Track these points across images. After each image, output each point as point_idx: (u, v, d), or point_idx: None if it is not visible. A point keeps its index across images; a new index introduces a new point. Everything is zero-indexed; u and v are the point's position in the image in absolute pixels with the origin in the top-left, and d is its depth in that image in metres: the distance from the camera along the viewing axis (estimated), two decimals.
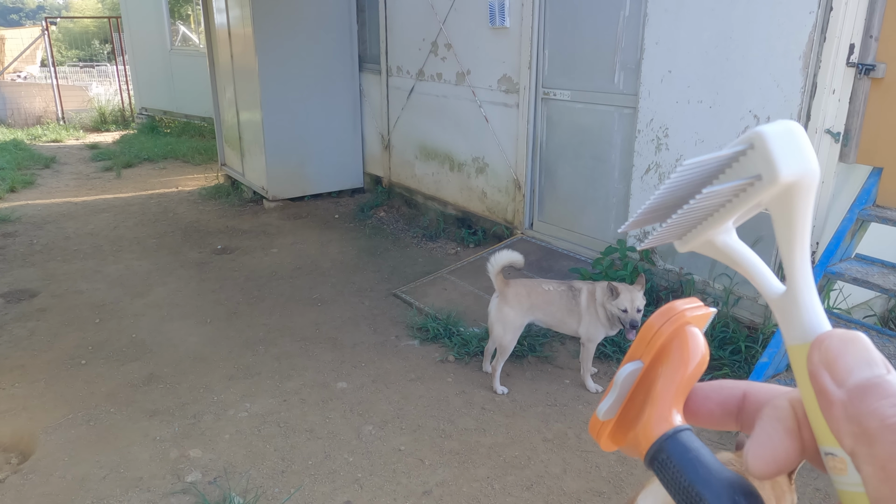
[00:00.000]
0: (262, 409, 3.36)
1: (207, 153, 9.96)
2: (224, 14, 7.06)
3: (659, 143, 4.10)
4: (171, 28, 12.16)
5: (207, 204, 7.43)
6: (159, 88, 12.35)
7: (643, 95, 4.13)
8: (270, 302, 4.71)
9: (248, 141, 7.21)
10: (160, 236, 6.26)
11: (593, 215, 4.83)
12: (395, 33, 6.44)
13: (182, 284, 5.06)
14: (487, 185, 5.67)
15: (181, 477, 2.83)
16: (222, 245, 5.97)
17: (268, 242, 6.03)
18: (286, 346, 4.06)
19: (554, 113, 4.96)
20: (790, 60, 3.34)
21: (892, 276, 3.15)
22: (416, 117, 6.41)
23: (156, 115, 12.67)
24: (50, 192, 8.05)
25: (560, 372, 3.72)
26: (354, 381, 3.64)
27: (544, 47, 4.89)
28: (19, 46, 14.40)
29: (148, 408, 3.38)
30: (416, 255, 5.63)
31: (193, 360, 3.88)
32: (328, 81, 6.94)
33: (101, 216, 6.96)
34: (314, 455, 2.99)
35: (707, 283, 3.98)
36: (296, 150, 6.92)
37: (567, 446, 3.04)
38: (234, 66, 7.12)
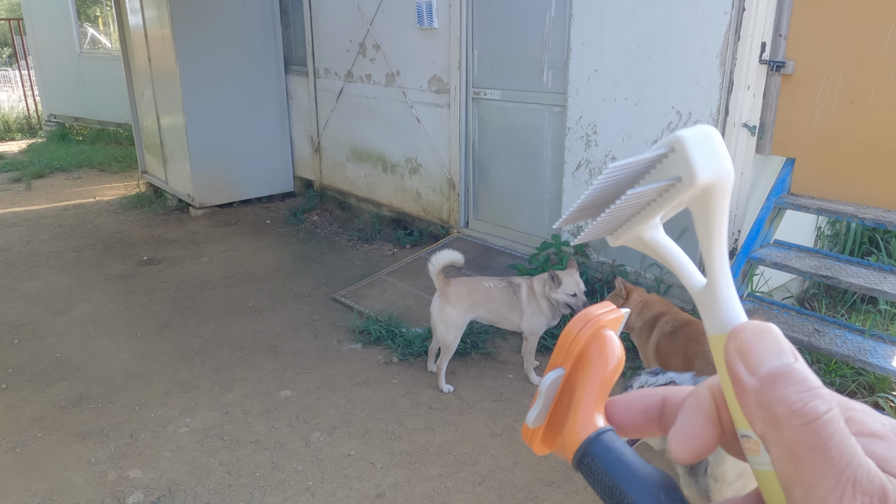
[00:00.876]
0: (203, 423, 3.26)
1: (126, 161, 9.53)
2: (139, 15, 6.78)
3: (588, 140, 4.23)
4: (79, 30, 11.57)
5: (129, 214, 7.12)
6: (69, 94, 11.72)
7: (571, 94, 4.25)
8: (204, 312, 4.57)
9: (171, 147, 6.95)
10: (79, 249, 5.95)
11: (527, 212, 4.93)
12: (321, 35, 6.36)
13: (107, 299, 4.84)
14: (422, 185, 5.69)
15: (121, 500, 2.71)
16: (148, 256, 5.73)
17: (197, 251, 5.84)
18: (224, 356, 3.95)
19: (485, 112, 5.02)
20: (708, 58, 3.51)
21: (807, 259, 3.36)
22: (347, 119, 6.35)
23: (66, 122, 12.01)
24: None
25: (504, 367, 3.78)
26: (298, 388, 3.58)
27: (473, 47, 4.95)
28: None
29: (80, 430, 3.22)
30: (353, 258, 5.58)
31: (126, 377, 3.71)
32: (253, 84, 6.78)
33: (12, 230, 6.55)
34: (262, 466, 2.92)
35: (639, 274, 4.13)
36: (222, 154, 6.73)
37: (515, 439, 3.10)
38: (153, 69, 6.85)
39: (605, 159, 4.16)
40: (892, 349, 2.94)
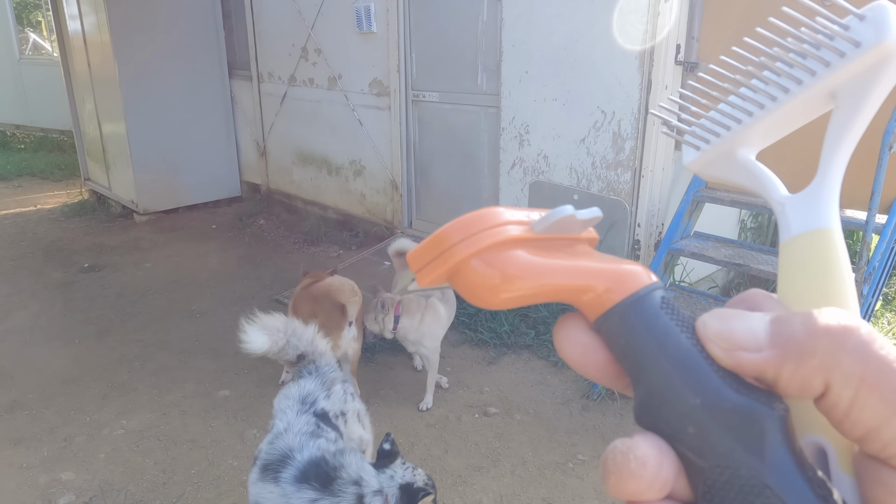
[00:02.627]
0: (139, 424, 3.28)
1: (68, 168, 9.34)
2: (78, 21, 6.70)
3: (521, 140, 4.37)
4: (18, 36, 11.30)
5: (71, 221, 7.00)
6: (9, 100, 11.43)
7: (504, 95, 4.38)
8: (145, 317, 4.55)
9: (113, 153, 6.88)
10: (18, 258, 5.85)
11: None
12: (263, 39, 6.39)
13: (45, 306, 4.78)
14: (366, 187, 5.76)
15: (52, 502, 2.72)
16: (89, 263, 5.67)
17: (141, 257, 5.79)
18: (164, 360, 3.95)
19: (424, 114, 5.13)
20: (628, 60, 3.68)
21: (723, 249, 3.55)
22: (291, 123, 6.39)
23: (6, 130, 11.71)
24: None
25: (442, 361, 3.86)
26: (237, 388, 3.61)
27: (411, 51, 5.05)
28: None
29: (12, 436, 3.20)
30: (299, 261, 5.61)
31: (61, 383, 3.69)
32: (197, 89, 6.76)
33: None
34: (197, 464, 2.96)
35: None
36: (166, 160, 6.69)
37: (448, 429, 3.20)
38: (93, 75, 6.77)
39: (538, 158, 4.30)
40: None
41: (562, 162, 4.18)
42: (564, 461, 2.94)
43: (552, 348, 3.91)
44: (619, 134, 3.84)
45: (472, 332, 4.11)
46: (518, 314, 4.14)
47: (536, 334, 3.99)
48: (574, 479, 2.82)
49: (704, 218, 3.85)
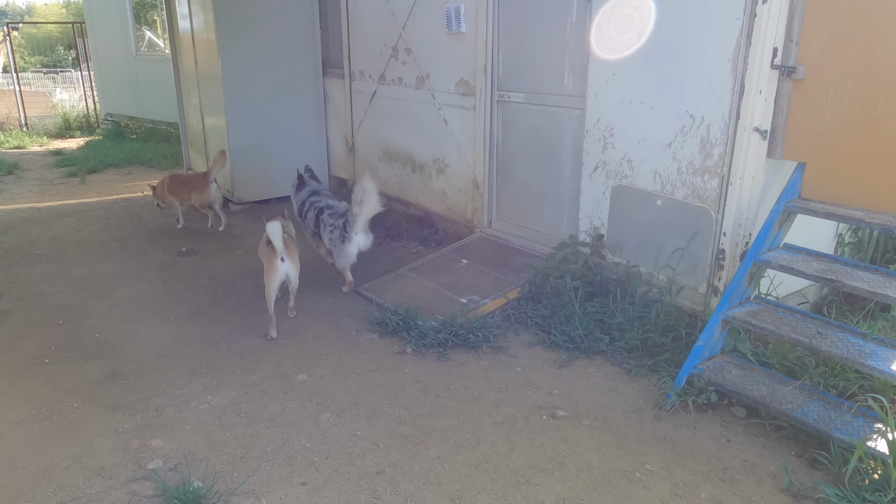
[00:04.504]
0: (223, 401, 3.47)
1: (173, 158, 9.96)
2: (188, 20, 7.14)
3: (605, 143, 4.31)
4: (136, 34, 12.14)
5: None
6: (125, 94, 12.31)
7: (590, 97, 4.34)
8: (234, 301, 4.81)
9: (214, 145, 7.28)
10: (124, 240, 6.31)
11: (547, 212, 5.02)
12: (357, 39, 6.59)
13: (146, 286, 5.13)
14: (448, 185, 5.84)
15: (142, 465, 2.93)
16: (187, 248, 6.04)
17: (233, 244, 6.11)
18: (249, 342, 4.17)
19: (509, 115, 5.14)
20: (720, 63, 3.56)
21: (815, 263, 3.38)
22: (379, 120, 6.56)
23: (121, 121, 12.62)
24: (13, 198, 8.01)
25: (512, 361, 3.89)
26: (314, 373, 3.76)
27: (498, 51, 5.08)
28: None
29: (111, 402, 3.47)
30: (379, 255, 5.76)
31: (156, 357, 3.97)
32: (292, 86, 7.06)
33: (65, 221, 6.97)
34: (273, 442, 3.11)
35: (652, 275, 4.18)
36: (261, 153, 7.02)
37: (515, 429, 3.21)
38: (199, 71, 7.20)
39: (621, 161, 4.23)
40: (893, 353, 2.94)
41: (646, 166, 4.09)
42: (632, 470, 2.89)
43: (626, 355, 3.84)
44: (707, 139, 3.72)
45: (545, 334, 4.10)
46: (594, 319, 4.09)
47: (611, 340, 3.93)
48: (640, 489, 2.77)
49: (796, 230, 3.67)
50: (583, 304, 4.20)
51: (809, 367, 3.37)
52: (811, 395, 3.12)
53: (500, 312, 4.39)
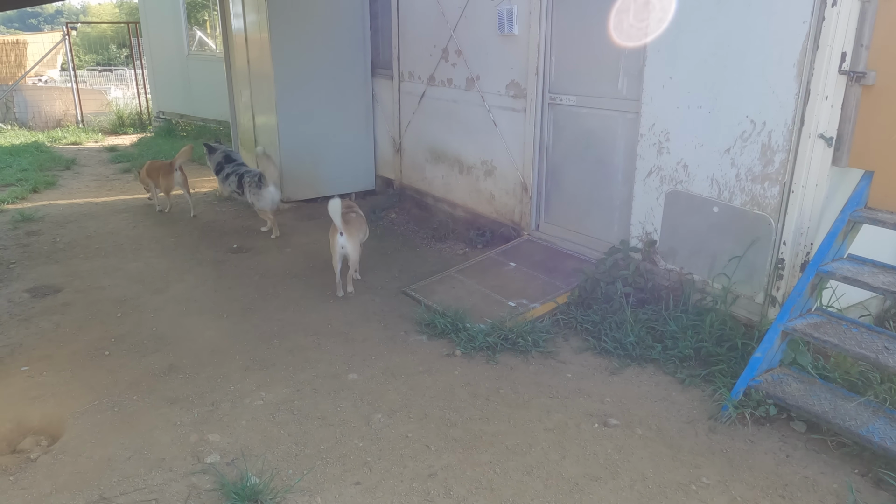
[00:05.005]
0: (276, 397, 3.53)
1: None
2: (241, 19, 7.28)
3: (660, 147, 4.24)
4: (188, 33, 12.42)
5: (223, 205, 7.63)
6: (176, 92, 12.61)
7: (645, 101, 4.28)
8: (284, 298, 4.89)
9: (263, 144, 7.40)
10: (178, 236, 6.46)
11: (597, 217, 4.97)
12: (406, 40, 6.62)
13: (199, 281, 5.25)
14: (495, 187, 5.83)
15: (201, 458, 3.00)
16: (238, 244, 6.16)
17: (282, 242, 6.21)
18: (299, 339, 4.23)
19: (560, 117, 5.11)
20: (785, 68, 3.47)
21: (881, 275, 3.27)
22: (427, 121, 6.58)
23: (173, 119, 12.93)
24: (71, 193, 8.28)
25: (562, 367, 3.86)
26: (365, 373, 3.80)
27: (551, 54, 5.05)
28: (40, 51, 14.74)
29: (168, 396, 3.56)
30: (426, 256, 5.79)
31: (211, 353, 4.05)
32: (342, 86, 7.13)
33: (121, 216, 7.18)
34: (326, 440, 3.15)
35: (706, 283, 4.10)
36: (310, 153, 7.11)
37: (567, 435, 3.18)
38: (251, 70, 7.33)
39: (677, 167, 4.16)
40: None
41: (703, 172, 4.02)
42: (688, 482, 2.84)
43: (679, 364, 3.78)
44: (768, 145, 3.63)
45: (596, 340, 4.06)
46: (646, 326, 4.04)
47: (664, 348, 3.87)
48: (697, 503, 2.72)
49: (861, 240, 3.56)
50: (634, 311, 4.15)
51: (874, 382, 3.26)
52: (877, 412, 3.02)
53: (549, 317, 4.36)
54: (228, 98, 8.24)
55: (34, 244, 6.21)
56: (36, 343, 4.21)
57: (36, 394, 3.59)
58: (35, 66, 14.45)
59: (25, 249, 6.04)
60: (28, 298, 4.93)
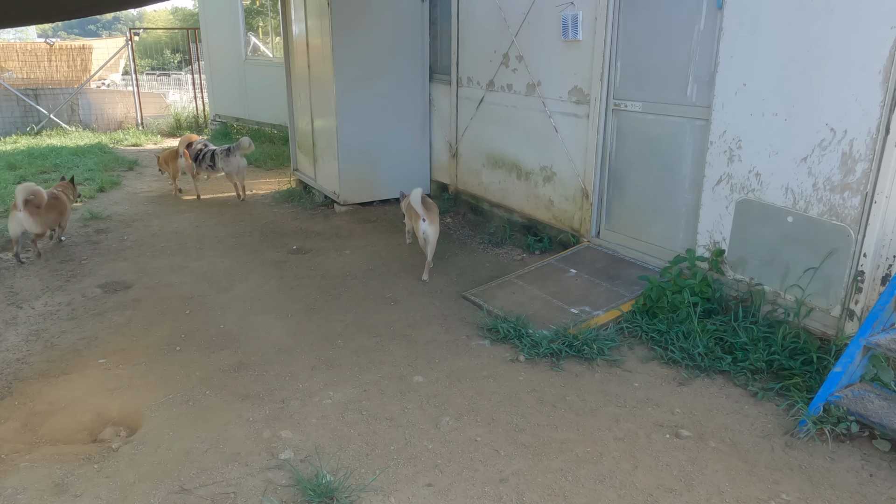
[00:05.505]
0: (344, 397, 3.57)
1: (278, 159, 10.38)
2: (303, 25, 7.42)
3: (731, 155, 4.16)
4: (245, 39, 12.71)
5: (281, 206, 7.78)
6: (233, 96, 12.92)
7: (716, 108, 4.20)
8: (346, 300, 4.95)
9: (322, 147, 7.53)
10: (239, 236, 6.61)
11: (661, 225, 4.90)
12: (466, 45, 6.65)
13: (262, 281, 5.36)
14: (555, 193, 5.80)
15: (275, 454, 3.06)
16: (297, 246, 6.26)
17: (340, 244, 6.29)
18: (363, 341, 4.27)
19: (624, 124, 5.06)
20: (870, 75, 3.37)
21: None
22: (485, 127, 6.59)
23: (229, 122, 13.24)
24: (135, 193, 8.55)
25: (629, 376, 3.81)
26: (429, 375, 3.81)
27: (616, 60, 5.01)
28: (103, 56, 15.27)
29: (239, 392, 3.64)
30: (483, 260, 5.79)
31: (278, 351, 4.13)
32: (400, 91, 7.20)
33: (184, 216, 7.38)
34: (395, 441, 3.17)
35: (778, 294, 4.00)
36: (367, 157, 7.20)
37: (638, 445, 3.14)
38: (311, 74, 7.46)
39: (748, 175, 4.07)
40: None
41: (777, 181, 3.92)
42: (766, 498, 2.77)
43: (751, 377, 3.69)
44: (849, 154, 3.53)
45: (662, 350, 3.99)
46: (714, 337, 3.96)
47: (734, 360, 3.79)
48: None
49: None
50: (701, 321, 4.07)
51: None
52: None
53: (614, 325, 4.32)
54: (287, 101, 8.40)
55: (103, 242, 6.43)
56: (110, 337, 4.36)
57: (113, 386, 3.71)
58: (99, 71, 14.97)
59: (96, 246, 6.26)
60: (100, 294, 5.11)
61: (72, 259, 5.90)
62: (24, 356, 4.11)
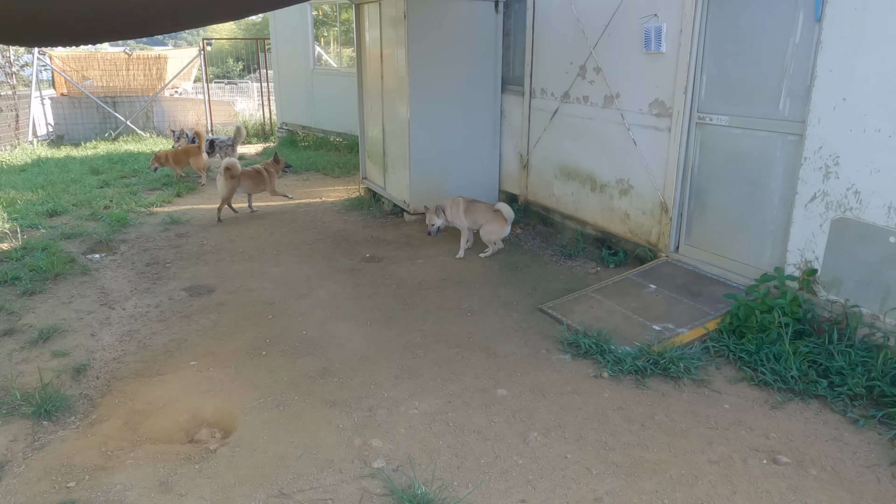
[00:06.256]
0: (429, 407, 3.60)
1: (345, 167, 10.56)
2: (377, 35, 7.54)
3: (827, 172, 4.03)
4: (314, 50, 13.01)
5: (350, 214, 7.91)
6: (300, 105, 13.22)
7: (812, 123, 4.08)
8: (422, 309, 4.98)
9: (392, 156, 7.62)
10: (312, 243, 6.74)
11: (747, 241, 4.77)
12: (540, 57, 6.64)
13: (339, 288, 5.45)
14: (631, 206, 5.72)
15: (367, 463, 3.10)
16: (370, 254, 6.35)
17: (412, 253, 6.35)
18: (442, 351, 4.29)
19: (709, 138, 4.95)
20: None
21: None
22: (558, 138, 6.56)
23: (295, 130, 13.55)
24: (210, 198, 8.83)
25: (718, 396, 3.71)
26: (513, 389, 3.80)
27: (702, 73, 4.91)
28: (176, 65, 15.86)
29: (327, 398, 3.70)
30: (557, 273, 5.75)
31: (360, 359, 4.19)
32: (471, 101, 7.24)
33: (259, 222, 7.57)
34: (484, 455, 3.17)
35: (876, 317, 3.84)
36: (437, 166, 7.25)
37: (734, 470, 3.05)
38: (384, 84, 7.57)
39: (846, 193, 3.93)
40: None
41: (878, 199, 3.78)
42: None
43: (849, 403, 3.55)
44: None
45: (752, 371, 3.88)
46: (807, 360, 3.83)
47: (830, 384, 3.65)
48: None
49: None
50: (792, 342, 3.94)
51: None
52: None
53: (699, 343, 4.22)
54: (358, 110, 8.54)
55: (184, 245, 6.65)
56: (199, 339, 4.50)
57: (206, 388, 3.83)
58: (173, 79, 15.54)
59: (178, 250, 6.49)
60: (186, 297, 5.29)
61: (157, 262, 6.13)
62: (119, 356, 4.29)
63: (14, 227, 6.93)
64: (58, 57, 14.69)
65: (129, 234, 7.03)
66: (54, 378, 3.92)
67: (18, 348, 4.34)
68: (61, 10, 4.05)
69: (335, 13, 14.22)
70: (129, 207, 8.10)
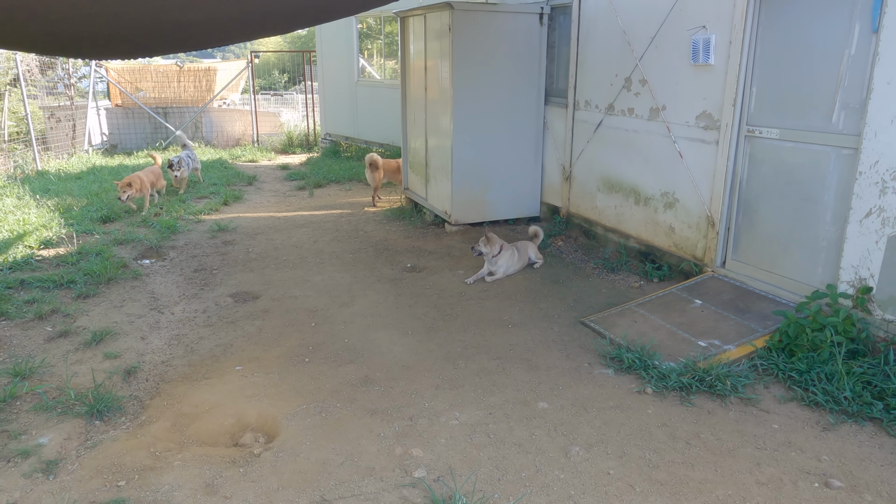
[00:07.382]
0: (470, 419, 3.59)
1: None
2: (421, 47, 7.62)
3: (884, 187, 3.90)
4: (358, 62, 13.20)
5: (392, 224, 7.97)
6: (344, 116, 13.42)
7: (868, 136, 3.96)
8: (463, 320, 4.99)
9: (435, 167, 7.67)
10: (355, 252, 6.82)
11: (797, 257, 4.65)
12: (585, 69, 6.62)
13: (381, 297, 5.49)
14: (676, 220, 5.63)
15: (408, 472, 3.11)
16: (411, 264, 6.39)
17: (453, 264, 6.36)
18: (483, 362, 4.29)
19: (758, 151, 4.85)
20: None
21: None
22: (602, 150, 6.51)
23: (339, 141, 13.75)
24: (255, 207, 9.02)
25: (766, 416, 3.62)
26: (554, 402, 3.77)
27: (751, 85, 4.83)
28: (225, 77, 16.29)
29: (368, 406, 3.73)
30: (599, 286, 5.69)
31: (401, 368, 4.21)
32: (514, 113, 7.24)
33: (302, 230, 7.70)
34: (525, 468, 3.15)
35: None
36: (479, 178, 7.27)
37: (784, 493, 2.97)
38: (427, 96, 7.64)
39: None
40: None
41: None
42: None
43: None
44: None
45: (802, 391, 3.77)
46: (861, 381, 3.70)
47: (886, 407, 3.52)
48: None
49: None
50: (846, 363, 3.82)
51: None
52: None
53: (746, 361, 4.12)
54: (401, 121, 8.62)
55: (230, 253, 6.80)
56: (244, 345, 4.59)
57: (251, 393, 3.90)
58: (222, 90, 15.96)
59: (224, 257, 6.64)
60: (232, 303, 5.40)
61: (204, 269, 6.28)
62: (167, 359, 4.40)
63: (70, 233, 7.19)
64: (113, 69, 15.23)
65: (177, 241, 7.22)
66: (106, 379, 4.04)
67: (73, 349, 4.49)
68: (122, 24, 4.21)
69: (379, 26, 14.43)
70: (178, 215, 8.33)
